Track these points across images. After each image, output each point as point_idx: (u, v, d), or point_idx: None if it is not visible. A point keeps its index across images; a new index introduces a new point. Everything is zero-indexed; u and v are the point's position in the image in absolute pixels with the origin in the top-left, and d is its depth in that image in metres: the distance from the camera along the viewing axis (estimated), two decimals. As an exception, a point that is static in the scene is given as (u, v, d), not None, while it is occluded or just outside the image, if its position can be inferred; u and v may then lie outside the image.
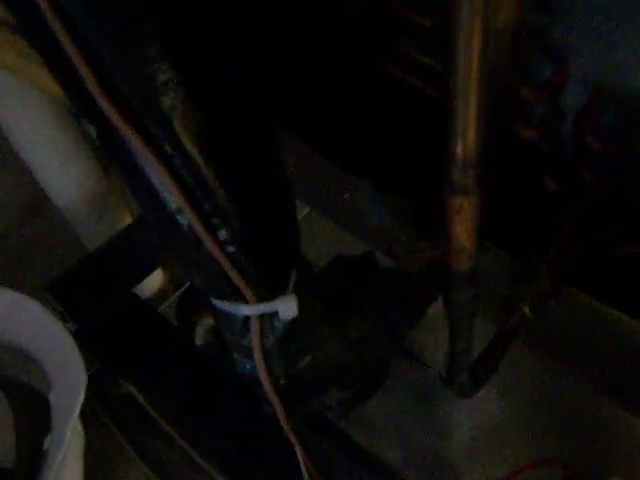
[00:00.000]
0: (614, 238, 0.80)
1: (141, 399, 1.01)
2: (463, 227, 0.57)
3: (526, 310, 0.79)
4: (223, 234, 0.55)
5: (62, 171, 1.28)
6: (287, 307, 0.62)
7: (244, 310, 0.63)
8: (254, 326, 0.64)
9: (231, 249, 0.56)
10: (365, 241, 0.96)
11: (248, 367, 0.69)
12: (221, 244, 0.55)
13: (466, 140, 0.48)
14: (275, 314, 0.64)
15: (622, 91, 0.81)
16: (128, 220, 1.46)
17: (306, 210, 1.43)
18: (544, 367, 1.28)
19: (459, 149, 0.49)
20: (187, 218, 0.52)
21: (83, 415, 1.02)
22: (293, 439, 0.72)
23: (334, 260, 0.82)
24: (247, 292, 0.60)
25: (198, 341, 1.11)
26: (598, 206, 0.79)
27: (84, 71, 0.42)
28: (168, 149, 0.48)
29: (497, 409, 1.31)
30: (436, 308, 0.84)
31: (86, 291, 1.16)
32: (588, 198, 0.80)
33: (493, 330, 0.84)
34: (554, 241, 0.83)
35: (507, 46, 0.69)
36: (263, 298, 0.62)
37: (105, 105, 0.44)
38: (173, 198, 0.51)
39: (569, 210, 0.82)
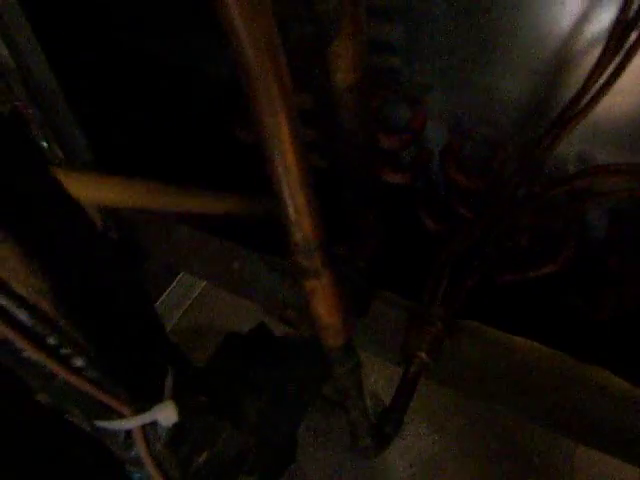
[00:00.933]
0: (493, 268, 0.81)
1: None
2: (322, 306, 0.55)
3: (424, 356, 0.78)
4: (78, 361, 0.51)
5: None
6: (166, 414, 0.58)
7: (123, 425, 0.59)
8: (138, 438, 0.60)
9: (92, 373, 0.53)
10: (261, 308, 0.94)
11: (141, 476, 0.65)
12: (78, 371, 0.52)
13: (303, 229, 0.46)
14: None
15: (477, 124, 0.83)
16: None
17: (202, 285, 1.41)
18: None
19: (298, 237, 0.47)
20: (29, 354, 0.48)
21: None
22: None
23: (225, 340, 0.79)
24: (122, 408, 0.56)
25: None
26: (474, 239, 0.80)
27: None
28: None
29: (430, 444, 1.30)
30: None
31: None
32: (464, 233, 0.80)
33: (398, 371, 0.83)
34: (440, 279, 0.83)
35: (353, 103, 0.68)
36: (141, 409, 0.58)
37: None
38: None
39: (449, 247, 0.82)
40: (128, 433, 0.61)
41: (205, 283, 1.37)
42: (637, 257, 0.74)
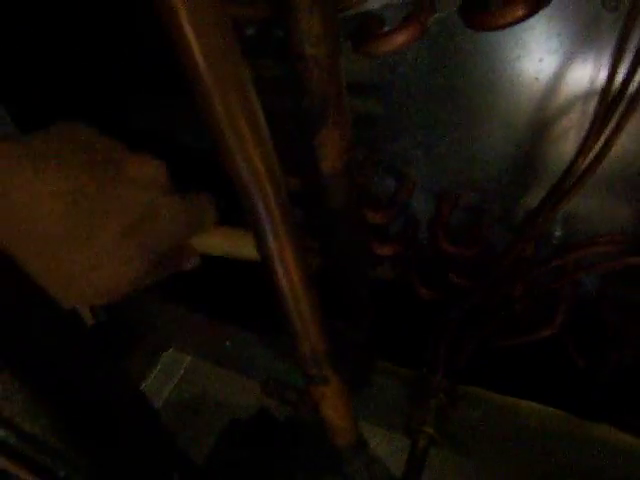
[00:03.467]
0: (490, 334, 0.81)
1: None
2: (332, 410, 0.55)
3: (431, 431, 0.78)
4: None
5: None
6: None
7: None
8: None
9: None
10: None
11: None
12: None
13: (310, 340, 0.46)
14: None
15: (462, 191, 0.84)
16: None
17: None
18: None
19: (306, 348, 0.47)
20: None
21: None
22: None
23: (225, 430, 0.77)
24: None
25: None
26: (468, 309, 0.80)
27: None
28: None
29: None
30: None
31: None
32: (458, 303, 0.80)
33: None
34: (438, 348, 0.83)
35: (340, 187, 0.69)
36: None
37: None
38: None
39: (444, 316, 0.82)
40: None
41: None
42: (634, 315, 0.75)
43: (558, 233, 0.80)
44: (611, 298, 0.79)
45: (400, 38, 0.59)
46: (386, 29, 0.65)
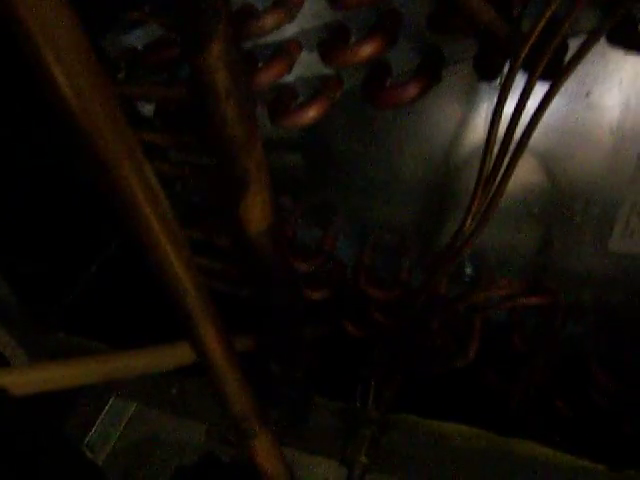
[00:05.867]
0: (415, 366, 0.88)
1: None
2: (264, 459, 0.60)
3: (364, 460, 0.84)
4: None
5: None
6: None
7: None
8: None
9: None
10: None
11: None
12: None
13: (240, 403, 0.52)
14: None
15: (381, 236, 0.92)
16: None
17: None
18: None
19: (236, 409, 0.53)
20: None
21: None
22: None
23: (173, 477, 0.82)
24: None
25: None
26: (393, 345, 0.88)
27: None
28: None
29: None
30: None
31: None
32: (383, 341, 0.87)
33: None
34: (368, 383, 0.90)
35: (267, 244, 0.75)
36: None
37: None
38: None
39: (372, 353, 0.89)
40: None
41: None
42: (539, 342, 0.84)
43: (468, 270, 0.88)
44: (520, 327, 0.88)
45: (310, 113, 0.66)
46: (299, 101, 0.72)
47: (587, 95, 0.68)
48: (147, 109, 0.84)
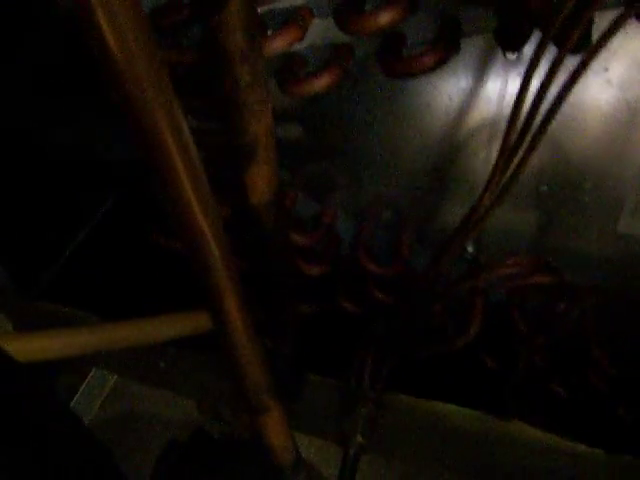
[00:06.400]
0: (412, 346, 0.87)
1: None
2: (275, 435, 0.59)
3: (360, 439, 0.83)
4: None
5: None
6: None
7: None
8: None
9: None
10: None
11: None
12: None
13: (253, 376, 0.50)
14: None
15: (381, 211, 0.90)
16: None
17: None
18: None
19: (249, 382, 0.51)
20: None
21: None
22: None
23: (163, 454, 0.79)
24: None
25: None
26: (391, 325, 0.86)
27: None
28: None
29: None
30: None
31: None
32: (381, 319, 0.86)
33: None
34: (365, 361, 0.88)
35: (269, 217, 0.73)
36: None
37: None
38: None
39: (369, 331, 0.87)
40: None
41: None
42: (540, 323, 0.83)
43: (470, 249, 0.86)
44: (520, 307, 0.86)
45: (322, 81, 0.63)
46: (308, 71, 0.69)
47: (605, 70, 0.66)
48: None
